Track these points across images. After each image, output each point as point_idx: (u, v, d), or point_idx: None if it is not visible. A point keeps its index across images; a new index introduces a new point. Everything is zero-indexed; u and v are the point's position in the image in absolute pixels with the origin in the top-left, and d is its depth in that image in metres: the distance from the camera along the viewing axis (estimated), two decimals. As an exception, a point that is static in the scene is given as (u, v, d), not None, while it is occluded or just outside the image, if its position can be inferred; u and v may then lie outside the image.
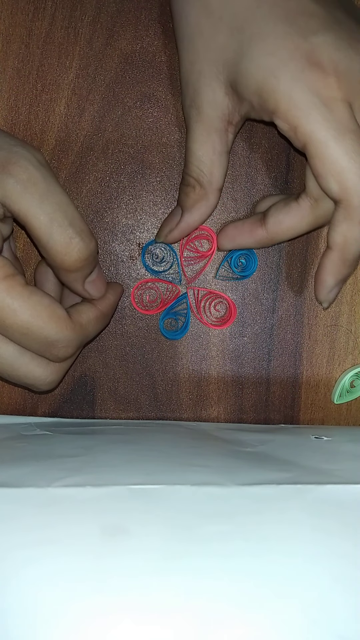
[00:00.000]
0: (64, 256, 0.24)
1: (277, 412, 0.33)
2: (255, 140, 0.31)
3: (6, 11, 0.30)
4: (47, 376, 0.26)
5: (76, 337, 0.25)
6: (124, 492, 0.19)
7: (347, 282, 0.32)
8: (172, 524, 0.18)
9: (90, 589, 0.16)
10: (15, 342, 0.25)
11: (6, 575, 0.16)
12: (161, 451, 0.25)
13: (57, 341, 0.25)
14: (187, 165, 0.28)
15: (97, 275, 0.27)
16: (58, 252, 0.24)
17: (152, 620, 0.15)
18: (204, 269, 0.32)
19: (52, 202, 0.23)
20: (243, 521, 0.18)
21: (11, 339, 0.24)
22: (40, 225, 0.23)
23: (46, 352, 0.25)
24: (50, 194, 0.23)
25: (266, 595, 0.16)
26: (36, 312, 0.24)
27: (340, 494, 0.20)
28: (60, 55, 0.30)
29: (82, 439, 0.26)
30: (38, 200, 0.23)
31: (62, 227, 0.23)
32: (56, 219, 0.23)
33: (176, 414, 0.32)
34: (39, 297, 0.24)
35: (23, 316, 0.24)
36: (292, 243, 0.32)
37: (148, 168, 0.31)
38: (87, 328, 0.26)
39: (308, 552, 0.17)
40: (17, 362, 0.25)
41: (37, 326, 0.24)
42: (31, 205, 0.23)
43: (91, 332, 0.27)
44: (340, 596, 0.16)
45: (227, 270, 0.32)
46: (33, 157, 0.23)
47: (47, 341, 0.24)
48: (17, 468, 0.21)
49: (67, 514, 0.18)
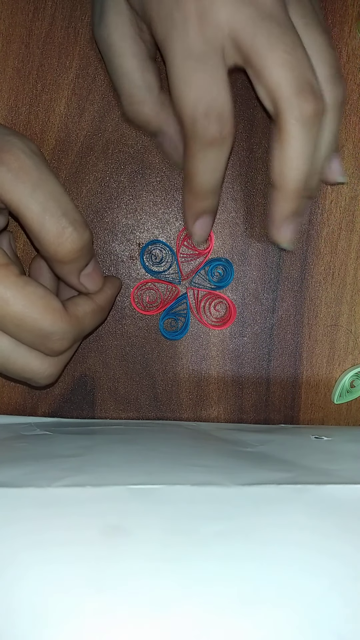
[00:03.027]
0: (56, 247, 0.24)
1: (277, 412, 0.33)
2: (255, 140, 0.31)
3: (6, 11, 0.30)
4: (45, 369, 0.26)
5: (71, 330, 0.25)
6: (124, 492, 0.19)
7: (347, 283, 0.32)
8: (172, 524, 0.18)
9: (90, 589, 0.16)
10: (9, 334, 0.24)
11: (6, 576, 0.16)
12: (161, 451, 0.25)
13: (52, 333, 0.24)
14: (117, 85, 0.27)
15: (93, 268, 0.26)
16: (51, 242, 0.23)
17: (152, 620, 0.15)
18: (199, 267, 0.32)
19: (45, 191, 0.23)
20: (243, 521, 0.18)
21: (5, 330, 0.24)
22: (32, 215, 0.23)
23: (41, 345, 0.25)
24: (42, 183, 0.23)
25: (266, 595, 0.16)
26: (30, 303, 0.23)
27: (340, 494, 0.20)
28: (60, 55, 0.30)
29: (82, 439, 0.26)
30: (30, 189, 0.23)
31: (55, 216, 0.23)
32: (49, 208, 0.23)
33: (176, 414, 0.32)
34: (33, 287, 0.24)
35: (16, 306, 0.23)
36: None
37: (148, 168, 0.31)
38: (83, 321, 0.26)
39: (308, 552, 0.17)
40: (13, 354, 0.25)
41: (31, 317, 0.23)
42: (23, 194, 0.23)
43: (87, 326, 0.26)
44: (340, 596, 0.16)
45: (202, 279, 0.31)
46: (25, 146, 0.23)
47: (42, 333, 0.24)
48: (17, 468, 0.21)
49: (67, 514, 0.18)
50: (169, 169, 0.31)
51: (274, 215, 0.27)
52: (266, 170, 0.31)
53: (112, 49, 0.26)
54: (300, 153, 0.24)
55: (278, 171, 0.25)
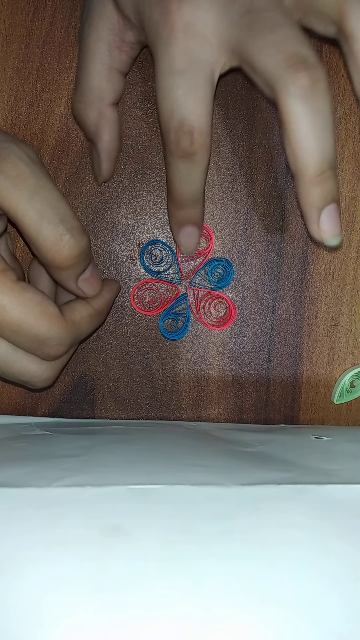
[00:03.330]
0: (54, 253, 0.24)
1: (277, 412, 0.33)
2: (255, 140, 0.31)
3: (6, 11, 0.30)
4: (43, 372, 0.26)
5: (68, 336, 0.25)
6: (124, 492, 0.19)
7: (347, 283, 0.32)
8: (172, 524, 0.18)
9: (89, 588, 0.16)
10: (7, 339, 0.24)
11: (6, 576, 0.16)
12: (161, 451, 0.25)
13: (49, 339, 0.24)
14: (77, 80, 0.28)
15: (91, 273, 0.26)
16: (48, 249, 0.24)
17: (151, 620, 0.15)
18: (199, 267, 0.32)
19: (42, 198, 0.23)
20: (243, 521, 0.18)
21: (2, 336, 0.24)
22: (30, 222, 0.23)
23: (38, 350, 0.25)
24: (40, 190, 0.23)
25: (266, 595, 0.16)
26: (27, 309, 0.24)
27: (340, 494, 0.20)
28: (60, 55, 0.30)
29: (82, 439, 0.26)
30: (27, 197, 0.23)
31: (52, 223, 0.23)
32: (46, 215, 0.23)
33: (176, 414, 0.32)
34: (30, 293, 0.24)
35: (13, 313, 0.23)
36: (292, 243, 0.32)
37: (148, 168, 0.31)
38: (80, 326, 0.26)
39: (308, 552, 0.17)
40: (10, 358, 0.25)
41: (28, 323, 0.24)
42: (20, 201, 0.23)
43: (84, 330, 0.27)
44: (340, 596, 0.16)
45: (202, 279, 0.31)
46: (23, 153, 0.23)
47: (38, 339, 0.24)
48: (17, 468, 0.21)
49: (67, 514, 0.18)
50: (169, 169, 0.31)
51: (306, 210, 0.24)
52: (266, 170, 0.31)
53: (85, 48, 0.27)
54: (310, 129, 0.22)
55: (292, 157, 0.23)
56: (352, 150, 0.31)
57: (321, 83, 0.22)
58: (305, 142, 0.22)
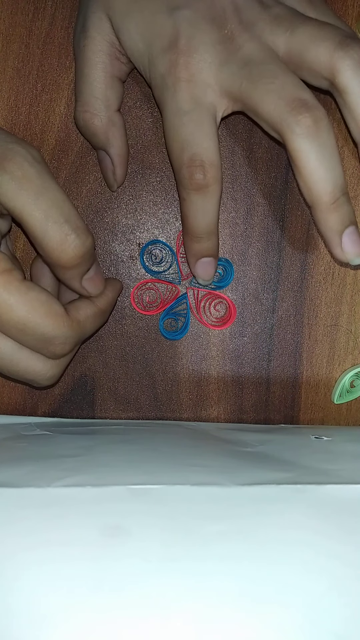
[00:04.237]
0: (59, 253, 0.24)
1: (277, 412, 0.33)
2: (255, 140, 0.31)
3: (6, 11, 0.30)
4: (47, 370, 0.26)
5: (73, 334, 0.25)
6: (124, 492, 0.19)
7: (347, 283, 0.32)
8: (172, 524, 0.18)
9: (89, 588, 0.16)
10: (13, 338, 0.24)
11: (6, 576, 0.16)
12: (161, 451, 0.25)
13: (54, 338, 0.25)
14: (78, 91, 0.28)
15: (95, 273, 0.27)
16: (54, 249, 0.24)
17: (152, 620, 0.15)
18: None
19: (48, 198, 0.23)
20: (243, 521, 0.18)
21: (8, 334, 0.24)
22: (35, 222, 0.23)
23: (43, 348, 0.25)
24: (45, 191, 0.23)
25: (266, 595, 0.16)
26: (33, 309, 0.24)
27: (340, 494, 0.20)
28: (60, 55, 0.30)
29: (82, 439, 0.26)
30: (33, 197, 0.23)
31: (58, 223, 0.23)
32: (51, 215, 0.23)
33: (176, 414, 0.32)
34: (36, 293, 0.24)
35: (19, 312, 0.24)
36: (292, 243, 0.32)
37: (148, 168, 0.31)
38: (85, 325, 0.26)
39: (307, 552, 0.17)
40: (15, 356, 0.25)
41: (34, 322, 0.24)
42: (26, 202, 0.23)
43: (89, 329, 0.27)
44: (340, 596, 0.16)
45: None
46: (28, 154, 0.23)
47: (44, 338, 0.24)
48: (17, 468, 0.21)
49: (67, 514, 0.18)
50: (169, 169, 0.31)
51: (327, 236, 0.26)
52: (266, 170, 0.31)
53: (84, 58, 0.27)
54: (319, 163, 0.24)
55: (306, 190, 0.25)
56: (352, 150, 0.31)
57: (323, 121, 0.24)
58: (316, 176, 0.25)
